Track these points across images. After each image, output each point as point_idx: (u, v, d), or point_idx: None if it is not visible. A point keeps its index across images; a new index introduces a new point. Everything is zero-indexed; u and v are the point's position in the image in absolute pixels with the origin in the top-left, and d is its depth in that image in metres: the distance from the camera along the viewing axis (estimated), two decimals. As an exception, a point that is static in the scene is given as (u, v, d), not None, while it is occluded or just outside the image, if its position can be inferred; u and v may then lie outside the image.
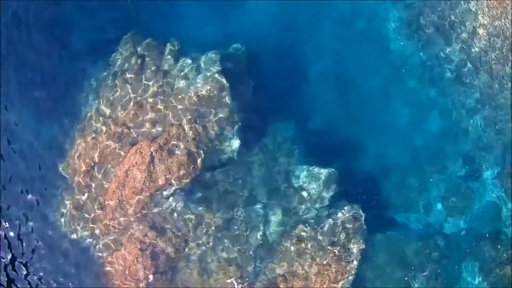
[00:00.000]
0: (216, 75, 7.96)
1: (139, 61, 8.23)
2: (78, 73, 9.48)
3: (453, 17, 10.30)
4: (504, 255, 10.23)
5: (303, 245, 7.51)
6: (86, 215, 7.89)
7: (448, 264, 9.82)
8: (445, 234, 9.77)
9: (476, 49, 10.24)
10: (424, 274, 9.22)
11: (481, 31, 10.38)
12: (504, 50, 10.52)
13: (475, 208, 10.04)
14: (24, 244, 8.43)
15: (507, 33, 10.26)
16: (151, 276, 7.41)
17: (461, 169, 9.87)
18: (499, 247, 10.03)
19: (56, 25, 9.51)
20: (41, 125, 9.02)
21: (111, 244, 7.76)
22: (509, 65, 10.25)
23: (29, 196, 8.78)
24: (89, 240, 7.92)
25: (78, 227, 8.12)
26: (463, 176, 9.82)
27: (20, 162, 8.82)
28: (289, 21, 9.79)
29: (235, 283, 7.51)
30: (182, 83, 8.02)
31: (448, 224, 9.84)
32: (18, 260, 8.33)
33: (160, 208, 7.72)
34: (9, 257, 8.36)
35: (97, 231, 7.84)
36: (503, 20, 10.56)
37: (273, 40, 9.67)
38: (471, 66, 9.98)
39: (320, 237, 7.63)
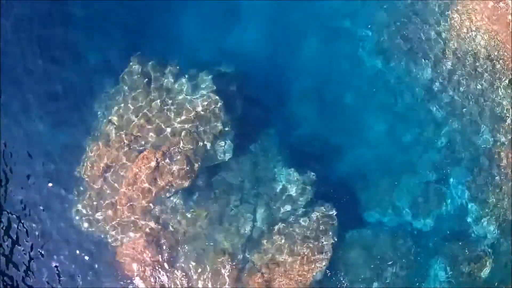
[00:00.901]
0: (210, 93, 9.74)
1: (145, 80, 9.94)
2: (91, 86, 11.28)
3: (424, 38, 12.11)
4: (470, 253, 11.68)
5: (283, 238, 9.22)
6: (99, 212, 9.54)
7: (416, 259, 11.23)
8: (414, 233, 11.30)
9: (445, 67, 12.03)
10: (393, 268, 11.03)
11: (450, 51, 12.16)
12: (471, 68, 12.33)
13: (442, 209, 11.54)
14: (42, 237, 10.24)
15: (474, 53, 12.07)
16: (156, 263, 9.28)
17: (430, 174, 11.44)
18: (465, 245, 11.37)
19: (72, 43, 11.32)
20: (58, 131, 10.83)
21: (122, 236, 9.43)
22: (475, 82, 12.05)
23: (48, 195, 10.63)
24: (102, 233, 9.61)
25: (92, 222, 9.89)
26: (432, 181, 11.42)
27: (38, 164, 10.61)
28: (275, 42, 11.40)
29: (227, 267, 9.46)
30: (181, 99, 9.72)
31: (417, 223, 11.37)
32: (38, 250, 10.12)
33: (164, 206, 9.47)
34: (28, 249, 10.19)
35: (109, 225, 9.50)
36: (470, 41, 12.39)
37: (261, 58, 11.28)
38: (440, 82, 11.82)
39: (298, 231, 9.36)
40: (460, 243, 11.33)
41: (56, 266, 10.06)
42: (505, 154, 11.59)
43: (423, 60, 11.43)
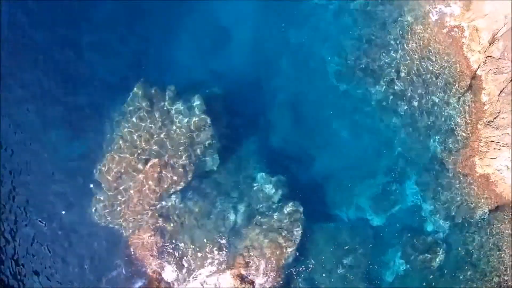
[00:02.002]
0: (201, 113, 12.71)
1: (148, 103, 12.88)
2: (104, 105, 14.28)
3: (382, 62, 14.76)
4: (424, 244, 13.94)
5: (260, 228, 12.21)
6: (114, 209, 12.55)
7: (374, 248, 13.85)
8: (373, 226, 14.05)
9: (400, 85, 14.78)
10: (353, 254, 13.40)
11: (405, 71, 14.72)
12: (424, 85, 15.02)
13: (398, 207, 14.25)
14: (63, 231, 13.37)
15: (427, 72, 14.80)
16: (160, 247, 12.40)
17: (387, 176, 14.23)
18: (419, 238, 13.94)
19: (86, 67, 14.32)
20: (77, 141, 13.94)
21: (133, 228, 12.49)
22: (427, 98, 14.76)
23: (70, 195, 13.75)
24: (117, 225, 12.62)
25: (108, 218, 12.90)
26: (389, 182, 14.20)
27: (60, 170, 13.66)
28: (255, 65, 14.39)
29: (216, 252, 12.51)
30: (178, 119, 12.70)
31: (375, 218, 14.14)
32: (60, 243, 13.27)
33: (166, 203, 12.56)
34: (53, 241, 13.27)
35: (122, 219, 12.56)
36: (424, 62, 15.09)
37: (243, 79, 14.25)
38: (394, 98, 14.38)
39: (271, 223, 12.33)
40: (414, 236, 13.97)
41: (81, 254, 13.32)
42: (453, 159, 14.14)
43: (380, 79, 14.12)
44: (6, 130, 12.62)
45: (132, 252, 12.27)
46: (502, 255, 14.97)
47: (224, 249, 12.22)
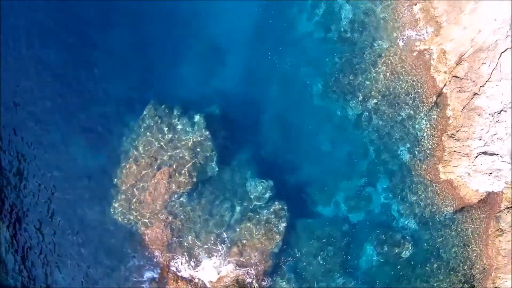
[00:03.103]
0: (203, 129, 15.98)
1: (159, 120, 16.17)
2: (121, 120, 17.42)
3: (357, 83, 17.31)
4: (393, 239, 16.83)
5: (251, 223, 15.36)
6: (131, 208, 15.66)
7: (350, 242, 16.68)
8: (349, 223, 16.90)
9: (373, 102, 17.31)
10: (331, 246, 16.46)
11: (377, 91, 17.16)
12: (394, 102, 17.79)
13: (372, 206, 17.13)
14: (87, 228, 16.60)
15: (398, 91, 17.67)
16: (170, 240, 15.62)
17: (362, 180, 17.15)
18: (390, 233, 16.84)
19: (97, 87, 17.23)
20: (96, 153, 17.23)
21: (147, 224, 15.63)
22: (397, 113, 17.65)
23: (92, 199, 17.00)
24: (133, 222, 15.66)
25: (126, 216, 16.13)
26: (364, 185, 17.14)
27: (84, 176, 17.02)
28: (248, 86, 17.53)
29: (216, 244, 15.74)
30: (184, 133, 15.99)
31: (351, 216, 17.05)
32: (85, 238, 16.59)
33: (174, 203, 15.65)
34: (79, 237, 16.56)
35: (138, 217, 15.74)
36: (395, 82, 18.12)
37: (238, 98, 17.28)
38: (367, 114, 17.18)
39: (261, 218, 15.45)
40: (385, 232, 16.89)
41: (103, 247, 16.60)
42: (420, 166, 17.06)
43: (356, 97, 17.19)
44: (26, 147, 15.68)
45: (146, 245, 15.54)
46: (467, 250, 18.06)
47: (222, 241, 15.53)
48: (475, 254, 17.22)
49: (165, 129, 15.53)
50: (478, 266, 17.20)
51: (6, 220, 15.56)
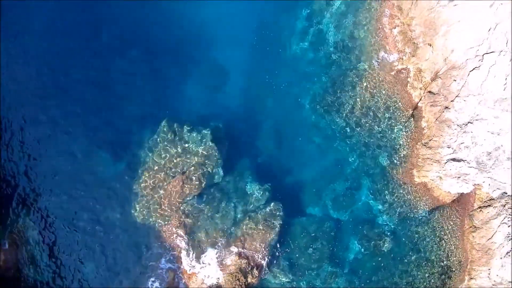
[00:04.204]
0: (209, 142, 19.55)
1: (172, 135, 19.81)
2: (139, 134, 21.21)
3: (340, 100, 20.91)
4: (375, 234, 19.56)
5: (251, 220, 18.64)
6: (149, 210, 19.13)
7: (336, 236, 19.42)
8: (335, 220, 19.72)
9: (354, 116, 20.50)
10: (321, 240, 20.09)
11: (358, 106, 20.07)
12: (373, 115, 21.28)
13: (356, 206, 19.89)
14: (109, 228, 20.25)
15: (377, 106, 21.09)
16: (182, 236, 19.19)
17: (347, 183, 19.93)
18: (372, 229, 19.54)
19: (115, 103, 21.13)
20: (117, 162, 20.99)
21: (164, 222, 18.98)
22: (377, 124, 21.18)
23: (115, 203, 20.67)
24: (153, 222, 18.98)
25: (146, 216, 19.80)
26: (348, 187, 19.99)
27: (107, 182, 20.74)
28: (247, 102, 20.86)
29: (222, 239, 19.36)
30: (193, 147, 19.63)
31: (338, 214, 19.87)
32: (108, 236, 20.34)
33: (186, 205, 19.10)
34: (102, 236, 20.28)
35: (157, 216, 19.43)
36: (374, 98, 21.54)
37: (239, 115, 20.68)
38: (351, 126, 20.85)
39: (260, 217, 18.73)
40: (367, 228, 19.55)
41: (125, 243, 20.27)
42: (398, 170, 19.73)
43: (340, 112, 20.12)
44: (56, 158, 18.89)
45: (164, 240, 19.33)
46: (443, 245, 21.30)
47: (228, 235, 19.07)
48: (450, 248, 19.07)
49: (178, 142, 19.07)
50: (454, 259, 19.09)
51: (37, 220, 19.21)
